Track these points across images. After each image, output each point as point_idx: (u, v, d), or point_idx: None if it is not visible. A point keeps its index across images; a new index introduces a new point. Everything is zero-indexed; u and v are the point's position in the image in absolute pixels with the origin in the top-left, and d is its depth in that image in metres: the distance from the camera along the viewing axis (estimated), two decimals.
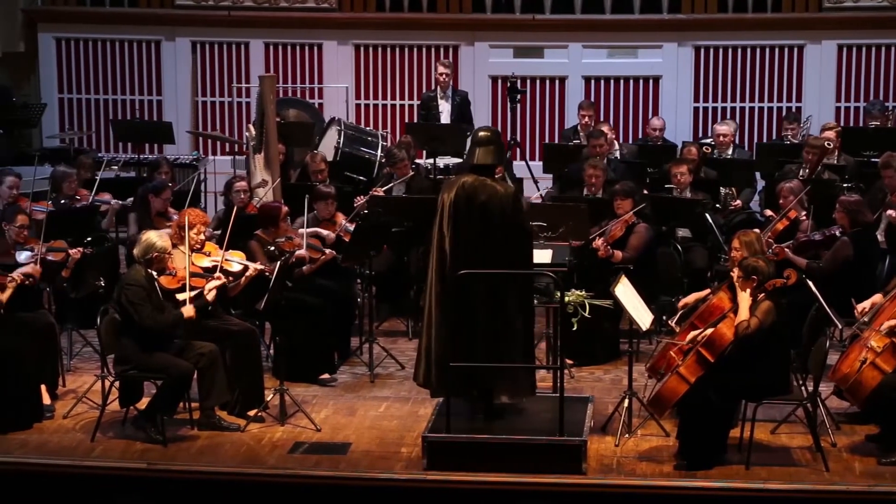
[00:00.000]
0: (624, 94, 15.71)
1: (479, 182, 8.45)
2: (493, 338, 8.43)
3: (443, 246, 8.42)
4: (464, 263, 8.30)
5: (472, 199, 8.40)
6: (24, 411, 8.99)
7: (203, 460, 8.47)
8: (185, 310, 8.89)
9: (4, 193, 11.04)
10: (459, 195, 8.42)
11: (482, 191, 8.42)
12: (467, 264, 8.29)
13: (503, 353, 8.44)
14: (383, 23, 15.87)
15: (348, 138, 13.75)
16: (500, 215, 8.38)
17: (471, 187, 8.44)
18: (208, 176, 14.40)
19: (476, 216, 8.39)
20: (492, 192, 8.43)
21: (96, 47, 16.00)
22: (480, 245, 8.39)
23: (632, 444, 8.69)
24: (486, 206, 8.37)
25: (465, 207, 8.40)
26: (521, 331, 8.53)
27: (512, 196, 8.52)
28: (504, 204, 8.40)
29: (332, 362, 10.20)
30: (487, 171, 8.56)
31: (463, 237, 8.40)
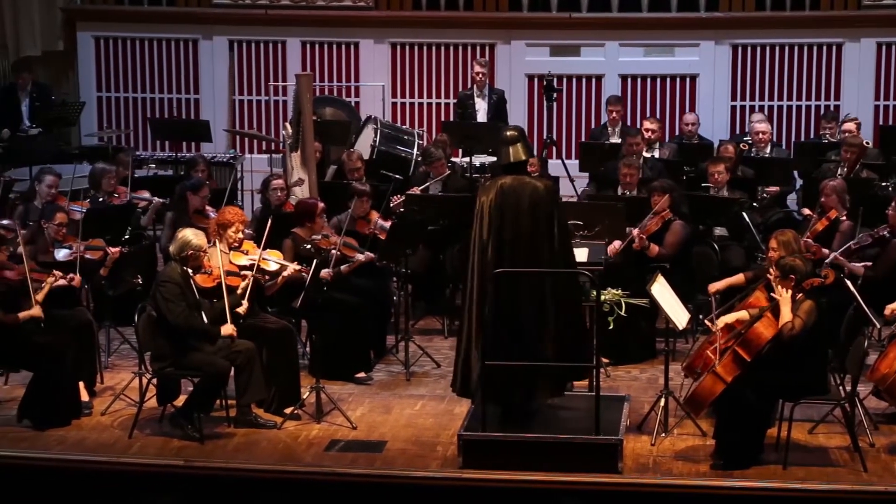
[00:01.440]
0: (661, 92, 15.65)
1: (518, 181, 8.44)
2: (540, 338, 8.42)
3: (484, 249, 8.39)
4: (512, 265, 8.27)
5: (517, 200, 8.37)
6: (62, 408, 9.04)
7: (239, 458, 8.50)
8: (225, 328, 8.90)
9: (44, 192, 11.11)
10: (501, 197, 8.39)
11: (523, 190, 8.41)
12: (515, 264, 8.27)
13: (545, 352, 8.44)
14: (420, 21, 15.87)
15: (384, 137, 13.76)
16: (546, 211, 8.38)
17: (510, 188, 8.41)
18: (245, 174, 14.45)
19: (524, 215, 8.36)
20: (533, 189, 8.44)
21: (134, 46, 16.08)
22: (529, 243, 8.37)
23: (668, 444, 8.66)
24: (531, 204, 8.37)
25: (513, 208, 8.36)
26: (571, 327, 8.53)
27: (552, 189, 8.55)
28: (548, 199, 8.41)
29: (368, 360, 10.21)
30: (522, 167, 8.57)
31: (509, 238, 8.36)
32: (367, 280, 10.41)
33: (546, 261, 8.38)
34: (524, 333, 8.39)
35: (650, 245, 10.39)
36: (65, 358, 9.05)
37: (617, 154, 12.60)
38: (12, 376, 9.76)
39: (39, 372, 8.98)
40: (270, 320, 9.45)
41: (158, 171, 13.93)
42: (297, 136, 12.20)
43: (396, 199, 11.56)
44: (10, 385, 9.73)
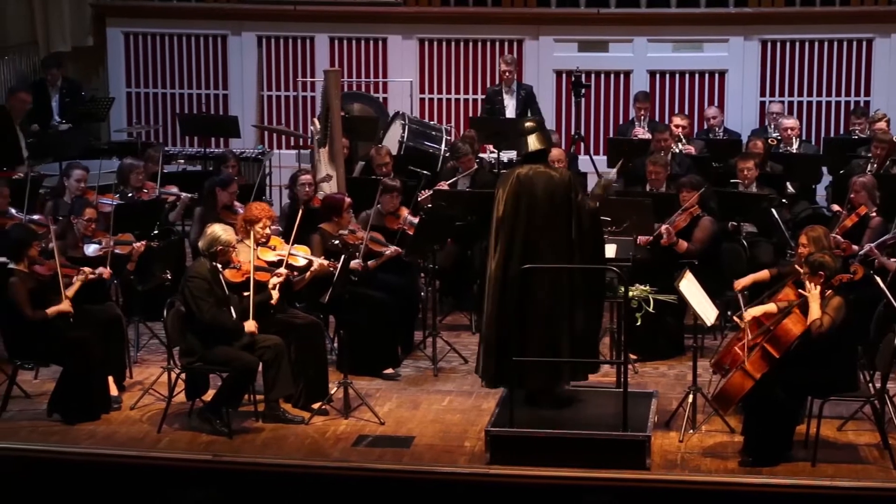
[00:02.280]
0: (689, 88, 15.59)
1: (534, 171, 8.51)
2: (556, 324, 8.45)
3: (500, 240, 8.45)
4: (524, 255, 8.32)
5: (531, 190, 8.44)
6: (92, 403, 9.09)
7: (267, 453, 8.53)
8: (248, 324, 8.92)
9: (73, 187, 11.16)
10: (517, 187, 8.47)
11: (538, 179, 8.47)
12: (528, 256, 8.31)
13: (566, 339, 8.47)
14: (448, 17, 15.86)
15: (412, 132, 13.77)
16: (560, 201, 8.41)
17: (526, 178, 8.50)
18: (273, 170, 14.47)
19: (539, 204, 8.42)
20: (548, 178, 8.48)
21: (163, 42, 16.12)
22: (544, 233, 8.41)
23: (696, 440, 8.65)
24: (546, 194, 8.41)
25: (528, 197, 8.43)
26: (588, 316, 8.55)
27: (568, 179, 8.56)
28: (562, 188, 8.43)
29: (396, 356, 10.22)
30: (540, 157, 8.60)
31: (523, 228, 8.42)
32: (394, 276, 10.42)
33: (562, 249, 8.40)
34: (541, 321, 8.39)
35: (678, 241, 10.37)
36: (94, 353, 9.09)
37: (645, 150, 12.58)
38: (42, 371, 9.81)
39: (69, 367, 9.03)
40: (298, 315, 9.47)
41: (187, 166, 13.97)
42: (325, 131, 12.22)
43: (424, 194, 11.57)
44: (41, 379, 9.79)
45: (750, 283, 9.27)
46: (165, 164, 12.53)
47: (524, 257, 8.39)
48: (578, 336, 8.53)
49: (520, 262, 8.38)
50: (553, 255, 8.42)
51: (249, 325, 8.91)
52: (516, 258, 8.43)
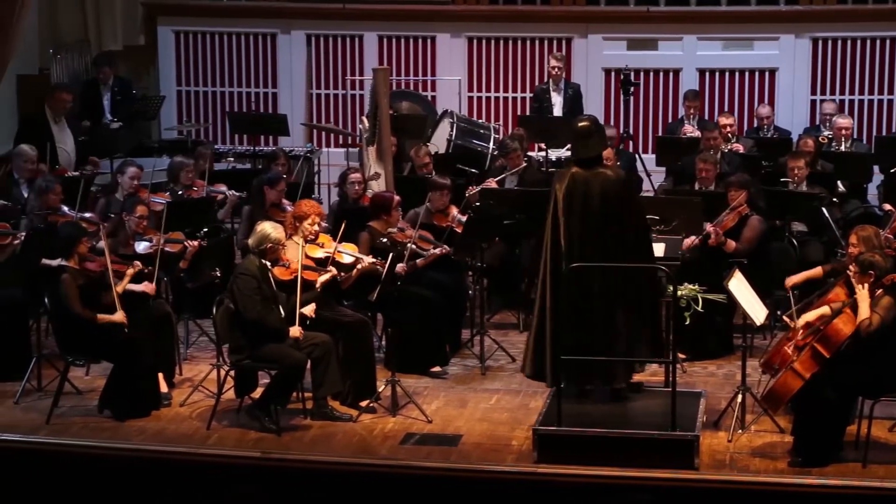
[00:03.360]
0: (739, 86, 15.51)
1: (590, 173, 8.49)
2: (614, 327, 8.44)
3: (557, 237, 8.45)
4: (581, 254, 8.32)
5: (586, 189, 8.43)
6: (142, 399, 9.16)
7: (316, 450, 8.56)
8: (293, 330, 8.94)
9: (126, 184, 11.23)
10: (572, 186, 8.46)
11: (594, 180, 8.46)
12: (585, 255, 8.31)
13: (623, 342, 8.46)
14: (496, 15, 15.85)
15: (461, 131, 13.77)
16: (616, 201, 8.39)
17: (582, 178, 8.50)
18: (322, 168, 14.52)
19: (593, 206, 8.42)
20: (604, 179, 8.48)
21: (214, 40, 16.20)
22: (599, 234, 8.40)
23: (745, 440, 8.61)
24: (602, 195, 8.40)
25: (581, 198, 8.42)
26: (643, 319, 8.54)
27: (624, 179, 8.55)
28: (618, 189, 8.42)
29: (444, 354, 10.23)
30: (594, 162, 8.59)
31: (578, 228, 8.42)
32: (442, 274, 10.43)
33: (616, 250, 8.39)
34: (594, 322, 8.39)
35: (727, 241, 10.32)
36: (145, 350, 9.16)
37: (695, 149, 12.53)
38: (93, 367, 9.89)
39: (120, 363, 9.10)
40: (346, 313, 9.50)
41: (237, 164, 14.03)
42: (374, 129, 12.25)
43: (471, 191, 11.57)
44: (92, 376, 9.87)
45: (802, 281, 9.22)
46: (216, 163, 12.59)
47: (578, 257, 8.37)
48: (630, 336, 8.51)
49: (573, 261, 8.36)
50: (605, 256, 8.41)
51: (294, 331, 8.93)
52: (570, 257, 8.41)
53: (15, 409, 9.31)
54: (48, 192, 10.65)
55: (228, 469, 8.31)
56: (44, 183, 10.79)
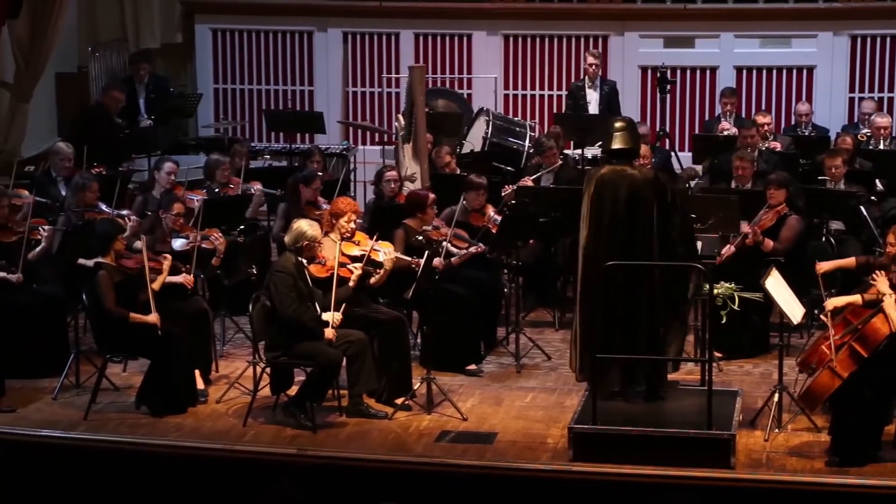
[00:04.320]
0: (776, 84, 15.45)
1: (617, 172, 8.51)
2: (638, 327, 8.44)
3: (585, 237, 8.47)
4: (608, 255, 8.31)
5: (614, 191, 8.44)
6: (179, 396, 9.19)
7: (351, 447, 8.57)
8: (328, 332, 8.94)
9: (163, 179, 11.28)
10: (600, 187, 8.48)
11: (622, 180, 8.47)
12: (612, 256, 8.30)
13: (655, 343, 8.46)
14: (533, 13, 15.84)
15: (496, 129, 13.76)
16: (643, 202, 8.39)
17: (609, 179, 8.52)
18: (358, 165, 14.54)
19: (621, 204, 8.42)
20: (632, 179, 8.48)
21: (251, 38, 16.26)
22: (625, 235, 8.40)
23: (782, 439, 8.57)
24: (629, 194, 8.40)
25: (610, 197, 8.42)
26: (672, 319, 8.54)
27: (652, 179, 8.53)
28: (644, 188, 8.41)
29: (479, 352, 10.23)
30: (624, 156, 8.59)
31: (606, 227, 8.42)
32: (478, 272, 10.42)
33: (644, 250, 8.38)
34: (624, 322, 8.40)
35: (764, 240, 10.27)
36: (181, 346, 9.20)
37: (731, 147, 12.48)
38: (131, 364, 9.93)
39: (157, 360, 9.14)
40: (382, 311, 9.51)
41: (273, 161, 14.08)
42: (410, 127, 12.25)
43: (507, 189, 11.56)
44: (129, 372, 9.91)
45: (833, 268, 9.14)
46: (252, 160, 12.62)
47: (607, 257, 8.37)
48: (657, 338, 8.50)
49: (603, 261, 8.37)
50: (631, 257, 8.40)
51: (328, 333, 8.94)
52: (600, 258, 8.42)
53: (53, 405, 9.37)
54: (85, 189, 10.71)
55: (264, 465, 8.36)
56: (80, 180, 10.85)
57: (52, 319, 9.94)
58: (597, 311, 8.47)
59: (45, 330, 9.87)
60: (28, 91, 13.95)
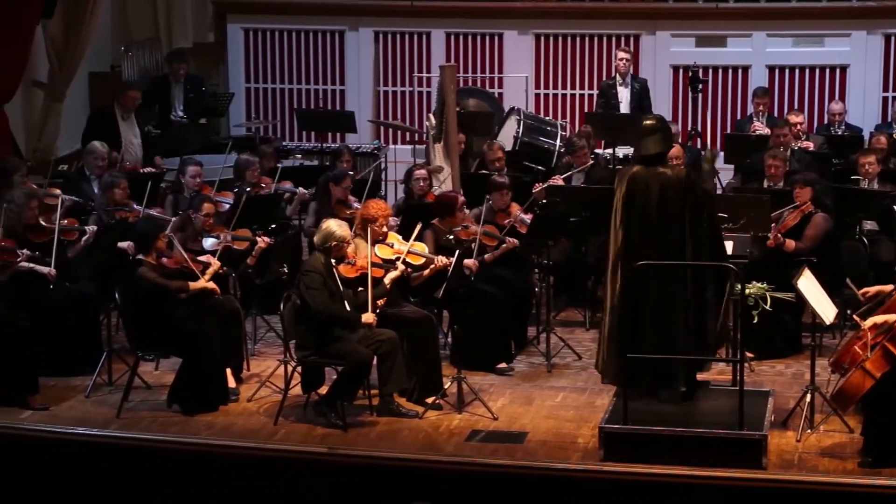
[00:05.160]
0: (809, 83, 15.39)
1: (649, 171, 8.48)
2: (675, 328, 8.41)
3: (615, 238, 8.45)
4: (640, 254, 8.29)
5: (646, 190, 8.41)
6: (210, 394, 9.22)
7: (382, 446, 8.58)
8: (366, 316, 8.98)
9: (189, 183, 11.32)
10: (632, 186, 8.46)
11: (653, 180, 8.44)
12: (644, 255, 8.28)
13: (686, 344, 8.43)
14: (564, 12, 15.83)
15: (527, 128, 13.75)
16: (676, 201, 8.36)
17: (641, 178, 8.48)
18: (389, 164, 14.56)
19: (652, 204, 8.40)
20: (664, 178, 8.45)
21: (282, 37, 16.31)
22: (658, 234, 8.38)
23: (814, 440, 8.53)
24: (661, 194, 8.38)
25: (641, 198, 8.40)
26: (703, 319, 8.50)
27: (684, 178, 8.50)
28: (676, 187, 8.38)
29: (510, 351, 10.22)
30: (657, 159, 8.56)
31: (638, 228, 8.40)
32: (508, 271, 10.42)
33: (675, 250, 8.35)
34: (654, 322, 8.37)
35: (785, 241, 10.21)
36: (213, 345, 9.22)
37: (763, 146, 12.44)
38: (163, 362, 9.97)
39: (189, 358, 9.17)
40: (411, 310, 9.51)
41: (304, 161, 14.11)
42: (441, 126, 12.26)
43: (538, 187, 11.55)
44: (161, 371, 9.95)
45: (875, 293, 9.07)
46: (283, 159, 12.64)
47: (638, 256, 8.35)
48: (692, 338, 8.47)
49: (634, 260, 8.35)
50: (664, 256, 8.38)
51: (368, 317, 8.96)
52: (628, 257, 8.40)
53: (86, 403, 9.41)
54: (113, 187, 10.76)
55: (295, 464, 8.37)
56: (109, 179, 10.91)
57: (85, 318, 9.98)
58: (628, 312, 8.44)
59: (78, 328, 9.91)
60: (62, 90, 14.03)
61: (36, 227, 9.98)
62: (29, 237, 9.87)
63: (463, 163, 12.45)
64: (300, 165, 13.48)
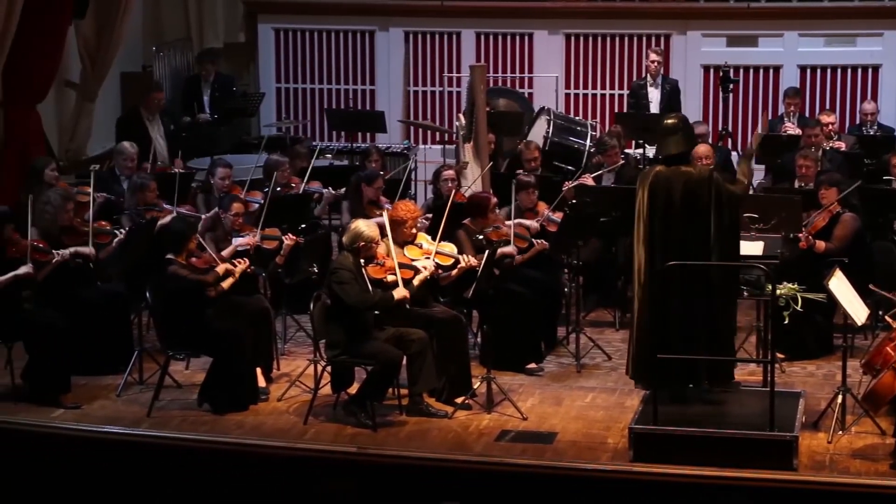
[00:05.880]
0: (841, 83, 15.31)
1: (672, 170, 8.46)
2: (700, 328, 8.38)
3: (638, 239, 8.43)
4: (664, 254, 8.27)
5: (669, 189, 8.40)
6: (241, 393, 9.24)
7: (411, 446, 8.59)
8: (398, 291, 8.99)
9: (218, 185, 11.32)
10: (655, 185, 8.45)
11: (676, 179, 8.42)
12: (668, 254, 8.26)
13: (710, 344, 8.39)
14: (594, 12, 15.80)
15: (557, 128, 13.72)
16: (700, 200, 8.34)
17: (665, 178, 8.45)
18: (419, 164, 14.57)
19: (676, 204, 8.38)
20: (687, 178, 8.43)
21: (312, 37, 16.34)
22: (682, 233, 8.36)
23: (845, 442, 8.49)
24: (685, 194, 8.36)
25: (664, 197, 8.38)
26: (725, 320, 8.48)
27: (708, 177, 8.47)
28: (700, 187, 8.36)
29: (539, 352, 10.21)
30: (679, 159, 8.54)
31: (660, 228, 8.38)
32: (538, 271, 10.42)
33: (699, 251, 8.33)
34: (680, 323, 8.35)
35: (816, 242, 10.17)
36: (243, 344, 9.25)
37: (795, 146, 12.38)
38: (193, 362, 10.02)
39: (219, 357, 9.20)
40: (440, 310, 9.51)
41: (334, 161, 14.13)
42: (471, 126, 12.26)
43: (567, 186, 11.54)
44: (191, 370, 9.99)
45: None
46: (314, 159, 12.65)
47: (664, 257, 8.33)
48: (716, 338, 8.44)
49: (660, 261, 8.33)
50: (687, 256, 8.35)
51: (399, 292, 8.96)
52: (657, 258, 8.38)
53: (117, 402, 9.46)
54: (143, 189, 10.78)
55: (324, 464, 8.38)
56: (138, 180, 10.92)
57: (116, 317, 10.03)
58: (655, 312, 8.42)
59: (109, 328, 9.96)
60: (94, 90, 14.10)
61: (70, 229, 10.03)
62: (63, 238, 9.91)
63: (492, 162, 12.44)
64: (329, 165, 13.49)
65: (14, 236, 9.49)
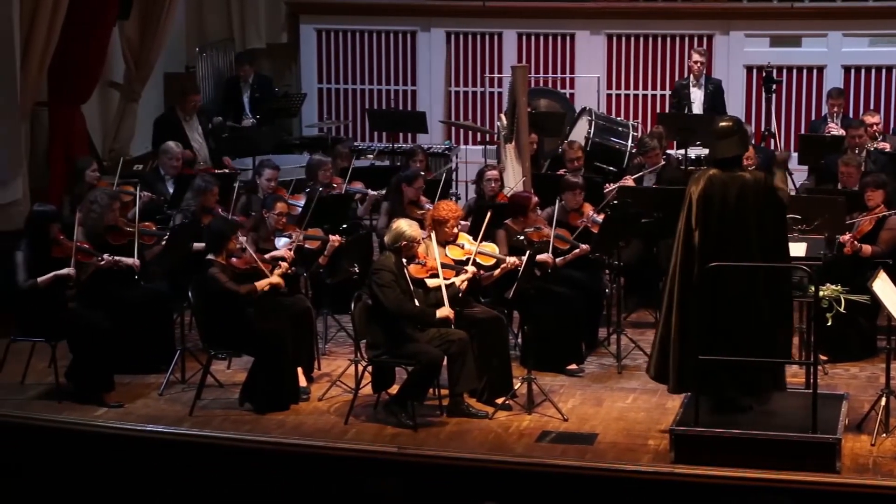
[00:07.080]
0: (886, 83, 15.20)
1: (727, 175, 8.34)
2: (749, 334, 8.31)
3: (690, 241, 8.34)
4: (716, 259, 8.19)
5: (724, 193, 8.28)
6: (282, 393, 9.27)
7: (452, 446, 8.59)
8: (441, 311, 8.98)
9: (264, 186, 11.33)
10: (709, 189, 8.32)
11: (732, 184, 8.31)
12: (723, 259, 8.18)
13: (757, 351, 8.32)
14: (636, 12, 15.76)
15: (599, 128, 13.70)
16: (755, 205, 8.26)
17: (720, 181, 8.33)
18: (460, 165, 14.58)
19: (730, 208, 8.28)
20: (742, 182, 8.32)
21: (354, 38, 16.38)
22: (737, 238, 8.27)
23: (889, 444, 8.43)
24: (739, 198, 8.27)
25: (719, 202, 8.28)
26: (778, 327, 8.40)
27: (763, 182, 8.40)
28: (755, 192, 8.28)
29: (580, 352, 10.20)
30: (733, 162, 8.44)
31: (715, 231, 8.29)
32: (579, 272, 10.40)
33: (754, 255, 8.25)
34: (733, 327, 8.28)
35: (861, 247, 10.09)
36: (285, 344, 9.28)
37: (838, 147, 12.31)
38: (235, 361, 10.06)
39: (261, 357, 9.23)
40: (480, 310, 9.51)
41: (376, 161, 14.16)
42: (512, 127, 12.26)
43: (609, 187, 11.51)
44: (233, 370, 10.03)
45: None
46: (355, 160, 12.69)
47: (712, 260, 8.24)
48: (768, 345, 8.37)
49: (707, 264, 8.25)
50: (744, 260, 8.27)
51: (443, 311, 8.96)
52: (706, 261, 8.29)
53: (159, 401, 9.51)
54: (206, 192, 10.70)
55: (365, 463, 8.40)
56: (203, 183, 10.81)
57: (159, 316, 10.08)
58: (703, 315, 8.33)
59: (152, 327, 10.02)
60: (137, 91, 14.19)
61: (115, 229, 10.09)
62: (108, 238, 9.98)
63: (534, 163, 12.43)
64: (371, 165, 13.53)
65: (59, 236, 9.57)
